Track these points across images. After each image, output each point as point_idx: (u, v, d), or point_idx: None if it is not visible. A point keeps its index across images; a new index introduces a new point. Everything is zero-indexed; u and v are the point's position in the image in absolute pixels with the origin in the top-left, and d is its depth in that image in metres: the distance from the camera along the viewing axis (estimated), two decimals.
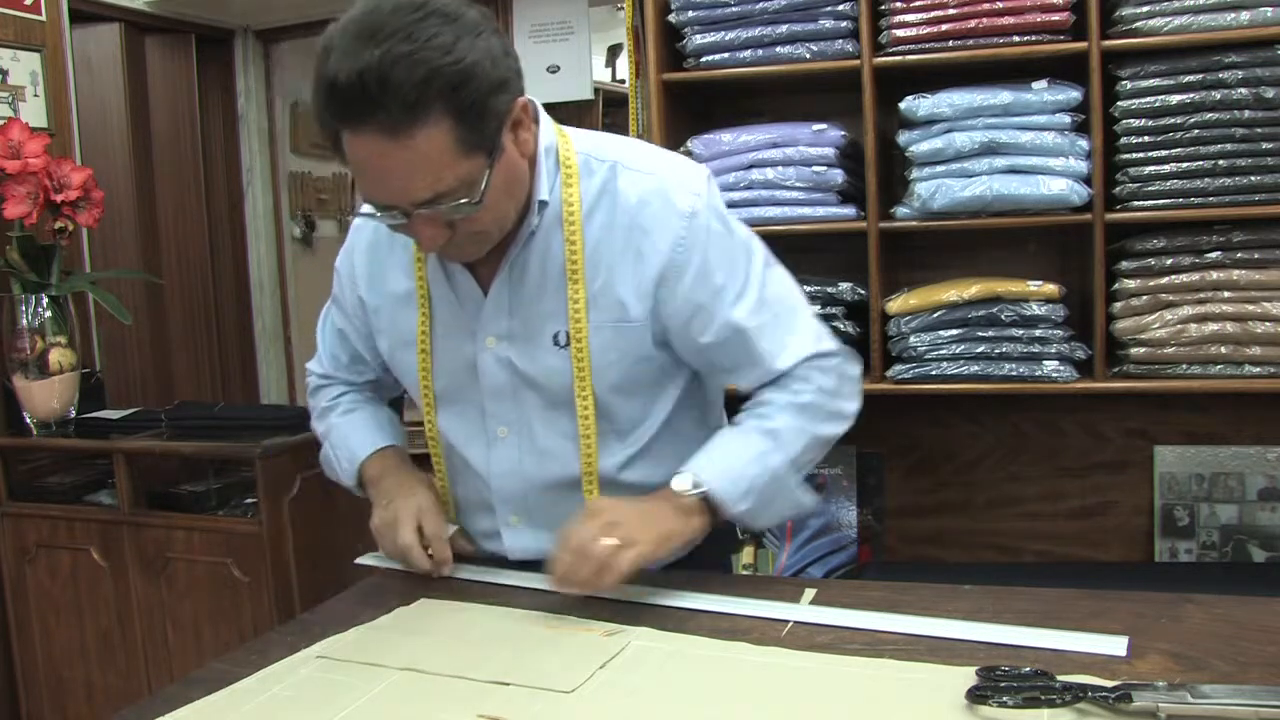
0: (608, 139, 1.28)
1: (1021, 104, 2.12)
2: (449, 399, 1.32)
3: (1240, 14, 2.02)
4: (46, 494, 2.58)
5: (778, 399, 1.25)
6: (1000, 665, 0.91)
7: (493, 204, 1.11)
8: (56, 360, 2.51)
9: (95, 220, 2.56)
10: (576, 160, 1.23)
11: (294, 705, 0.96)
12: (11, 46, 2.67)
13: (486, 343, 1.26)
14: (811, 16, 2.25)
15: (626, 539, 1.11)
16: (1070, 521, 2.46)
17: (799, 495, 1.27)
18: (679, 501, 1.19)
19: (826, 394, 1.26)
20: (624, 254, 1.21)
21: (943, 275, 2.32)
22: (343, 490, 1.49)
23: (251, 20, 4.33)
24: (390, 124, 1.01)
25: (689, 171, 1.24)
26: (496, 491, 1.33)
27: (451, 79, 1.01)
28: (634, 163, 1.24)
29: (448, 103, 1.02)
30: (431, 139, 1.03)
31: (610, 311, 1.22)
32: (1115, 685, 0.85)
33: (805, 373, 1.26)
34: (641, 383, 1.28)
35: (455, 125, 1.03)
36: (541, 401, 1.27)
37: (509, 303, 1.25)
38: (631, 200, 1.21)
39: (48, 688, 2.60)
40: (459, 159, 1.05)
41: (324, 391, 1.49)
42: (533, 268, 1.23)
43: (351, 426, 1.44)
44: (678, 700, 0.92)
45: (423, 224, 1.10)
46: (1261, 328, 2.08)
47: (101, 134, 3.70)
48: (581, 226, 1.21)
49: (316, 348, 1.51)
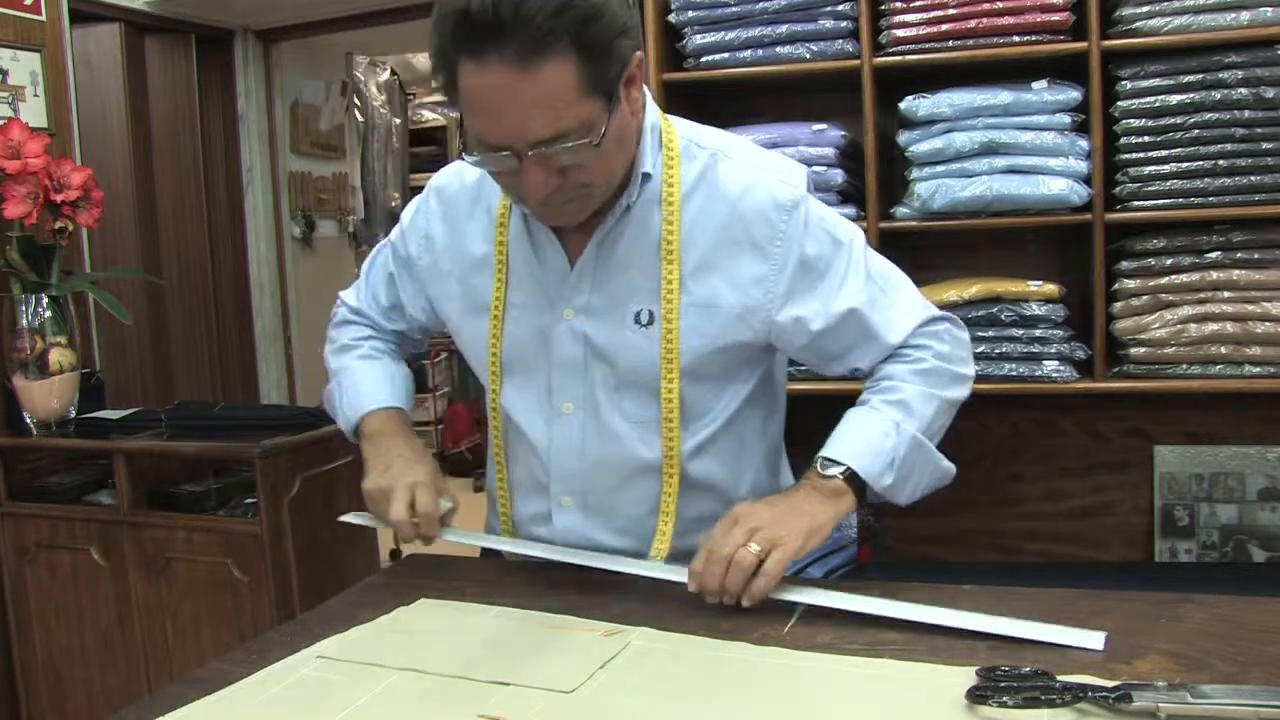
0: (708, 130, 1.28)
1: (1021, 104, 2.12)
2: (515, 370, 1.30)
3: (1240, 14, 2.02)
4: (46, 494, 2.58)
5: (898, 370, 1.25)
6: (1000, 665, 0.91)
7: (607, 155, 1.10)
8: (56, 360, 2.51)
9: (95, 220, 2.56)
10: (679, 144, 1.22)
11: (294, 705, 0.96)
12: (11, 46, 2.67)
13: (565, 314, 1.24)
14: (811, 16, 2.25)
15: (772, 540, 1.10)
16: (1070, 521, 2.46)
17: (939, 462, 1.26)
18: (823, 486, 1.18)
19: (945, 359, 1.26)
20: (720, 241, 1.20)
21: (943, 275, 2.31)
22: (343, 490, 1.49)
23: (251, 20, 4.33)
24: (519, 53, 0.99)
25: (789, 166, 1.26)
26: (554, 469, 1.30)
27: (584, 12, 1.00)
28: (735, 153, 1.24)
29: (576, 37, 1.00)
30: (557, 73, 1.01)
31: (700, 295, 1.21)
32: (1115, 685, 0.85)
33: (920, 341, 1.26)
34: (712, 371, 1.26)
35: (581, 62, 1.01)
36: (612, 380, 1.25)
37: (593, 276, 1.23)
38: (732, 189, 1.21)
39: (48, 688, 2.60)
40: (581, 99, 1.03)
41: (349, 328, 1.47)
42: (624, 243, 1.22)
43: (365, 373, 1.42)
44: (678, 700, 0.92)
45: (535, 168, 1.07)
46: (1261, 328, 2.08)
47: (101, 134, 3.71)
48: (680, 207, 1.21)
49: (358, 278, 1.48)
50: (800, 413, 1.48)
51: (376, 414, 1.38)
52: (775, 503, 1.16)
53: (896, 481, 1.20)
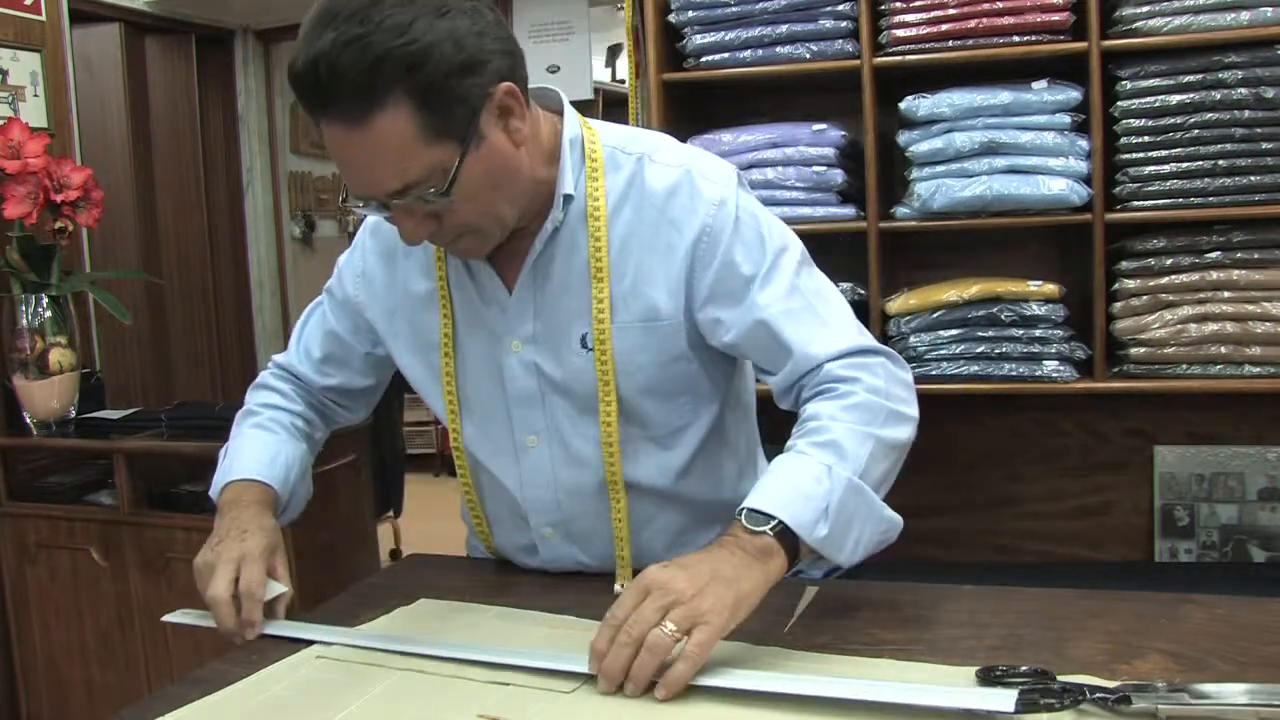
0: (636, 133, 1.22)
1: (1021, 104, 2.13)
2: (473, 408, 1.25)
3: (1240, 14, 2.02)
4: (46, 494, 2.58)
5: (825, 408, 1.10)
6: (999, 665, 0.91)
7: (474, 196, 1.05)
8: (56, 360, 2.51)
9: (95, 220, 2.56)
10: (603, 153, 1.17)
11: (294, 705, 0.96)
12: (11, 46, 2.67)
13: (512, 347, 1.20)
14: (811, 16, 2.25)
15: (692, 617, 0.92)
16: (1070, 521, 2.46)
17: (882, 511, 1.09)
18: (749, 544, 1.00)
19: (878, 393, 1.11)
20: (653, 249, 1.16)
21: (943, 275, 2.32)
22: (343, 491, 1.47)
23: (251, 20, 4.34)
24: (347, 112, 0.97)
25: (717, 164, 1.20)
26: (529, 504, 1.25)
27: (407, 60, 0.96)
28: (662, 155, 1.18)
29: (405, 86, 0.97)
30: (392, 125, 0.98)
31: (640, 311, 1.16)
32: (1115, 686, 0.85)
33: (847, 373, 1.13)
34: (678, 386, 1.20)
35: (417, 109, 0.98)
36: (571, 408, 1.20)
37: (534, 304, 1.18)
38: (659, 192, 1.16)
39: (48, 688, 2.60)
40: (425, 146, 1.00)
41: (261, 393, 1.38)
42: (558, 266, 1.17)
43: (251, 443, 1.31)
44: (677, 700, 0.92)
45: (401, 215, 1.05)
46: (1261, 328, 2.08)
47: (101, 134, 3.71)
48: (608, 222, 1.16)
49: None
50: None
51: (237, 485, 1.27)
52: (692, 565, 0.97)
53: (833, 533, 1.03)
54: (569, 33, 3.77)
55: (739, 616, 0.96)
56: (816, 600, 1.16)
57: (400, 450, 4.01)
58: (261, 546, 1.17)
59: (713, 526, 1.32)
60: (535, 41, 3.75)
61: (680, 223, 1.15)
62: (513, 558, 1.34)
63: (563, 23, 3.77)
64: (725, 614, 0.94)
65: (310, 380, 1.37)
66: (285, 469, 1.30)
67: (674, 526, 1.27)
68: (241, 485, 1.27)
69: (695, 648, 0.91)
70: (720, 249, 1.15)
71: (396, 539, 4.20)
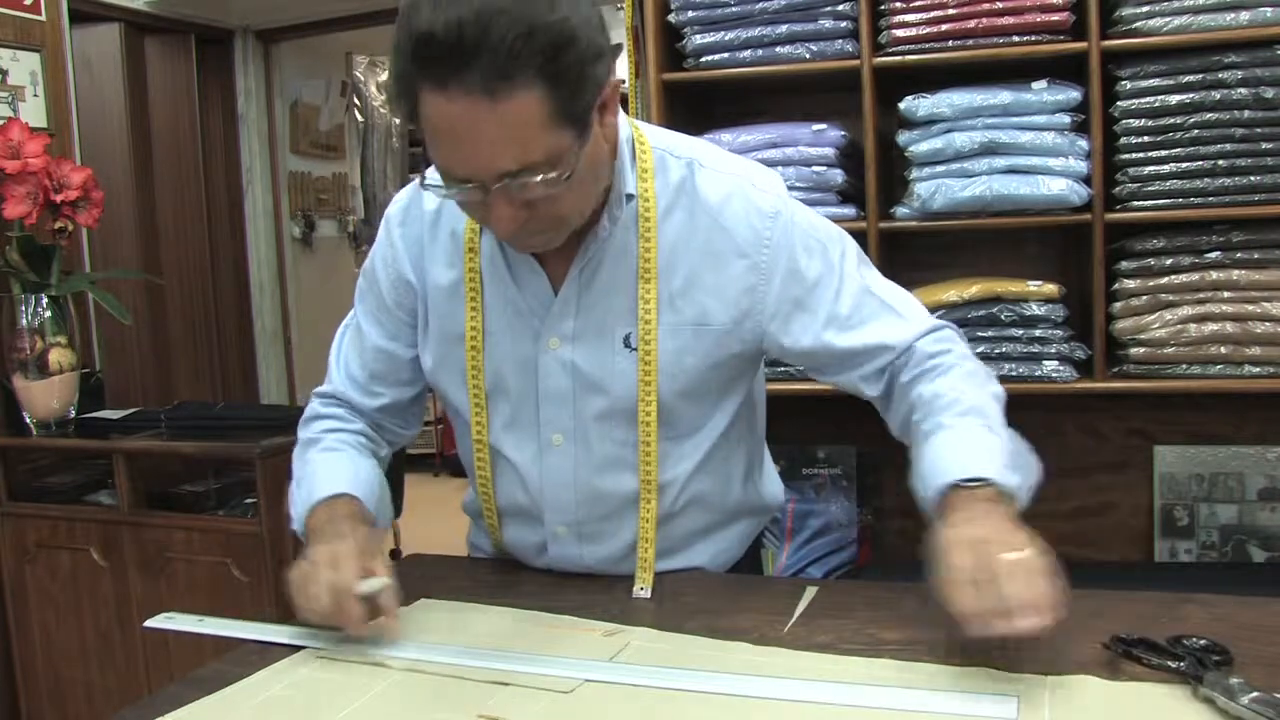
0: (680, 137, 1.22)
1: (1021, 104, 2.12)
2: (498, 402, 1.23)
3: (1240, 14, 2.02)
4: (46, 494, 2.58)
5: (943, 385, 1.15)
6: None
7: (579, 186, 1.04)
8: (56, 360, 2.51)
9: (95, 220, 2.56)
10: (652, 155, 1.17)
11: (294, 705, 0.96)
12: (11, 46, 2.67)
13: (549, 344, 1.18)
14: (811, 16, 2.25)
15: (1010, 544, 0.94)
16: (1070, 521, 2.46)
17: (1029, 455, 1.14)
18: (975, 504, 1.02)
19: (969, 358, 1.19)
20: (706, 254, 1.16)
21: (943, 275, 2.32)
22: None
23: (251, 20, 4.34)
24: (485, 81, 0.92)
25: (767, 173, 1.21)
26: (548, 502, 1.24)
27: (554, 39, 0.93)
28: (711, 162, 1.18)
29: (546, 65, 0.93)
30: (525, 103, 0.94)
31: (691, 314, 1.17)
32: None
33: (938, 348, 1.19)
34: (710, 388, 1.22)
35: (551, 91, 0.95)
36: (603, 408, 1.19)
37: (578, 302, 1.17)
38: (713, 199, 1.16)
39: (48, 688, 2.60)
40: (550, 129, 0.97)
41: (316, 423, 1.33)
42: (607, 266, 1.16)
43: (323, 466, 1.26)
44: (677, 700, 0.92)
45: (501, 201, 1.00)
46: (1261, 328, 2.08)
47: (101, 134, 3.71)
48: (657, 224, 1.16)
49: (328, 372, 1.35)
50: (784, 413, 1.46)
51: (320, 506, 1.20)
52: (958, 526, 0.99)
53: (1019, 482, 1.07)
54: None
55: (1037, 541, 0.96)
56: (816, 600, 1.16)
57: (400, 450, 4.00)
58: (351, 546, 1.11)
59: (723, 526, 1.32)
60: None
61: (735, 232, 1.16)
62: (518, 555, 1.34)
63: None
64: (1023, 535, 0.96)
65: (359, 404, 1.33)
66: (366, 482, 1.26)
67: (686, 527, 1.28)
68: (329, 504, 1.20)
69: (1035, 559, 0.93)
70: (784, 260, 1.17)
71: (396, 539, 4.20)
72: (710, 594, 1.21)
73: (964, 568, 0.93)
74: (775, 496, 1.43)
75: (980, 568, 0.92)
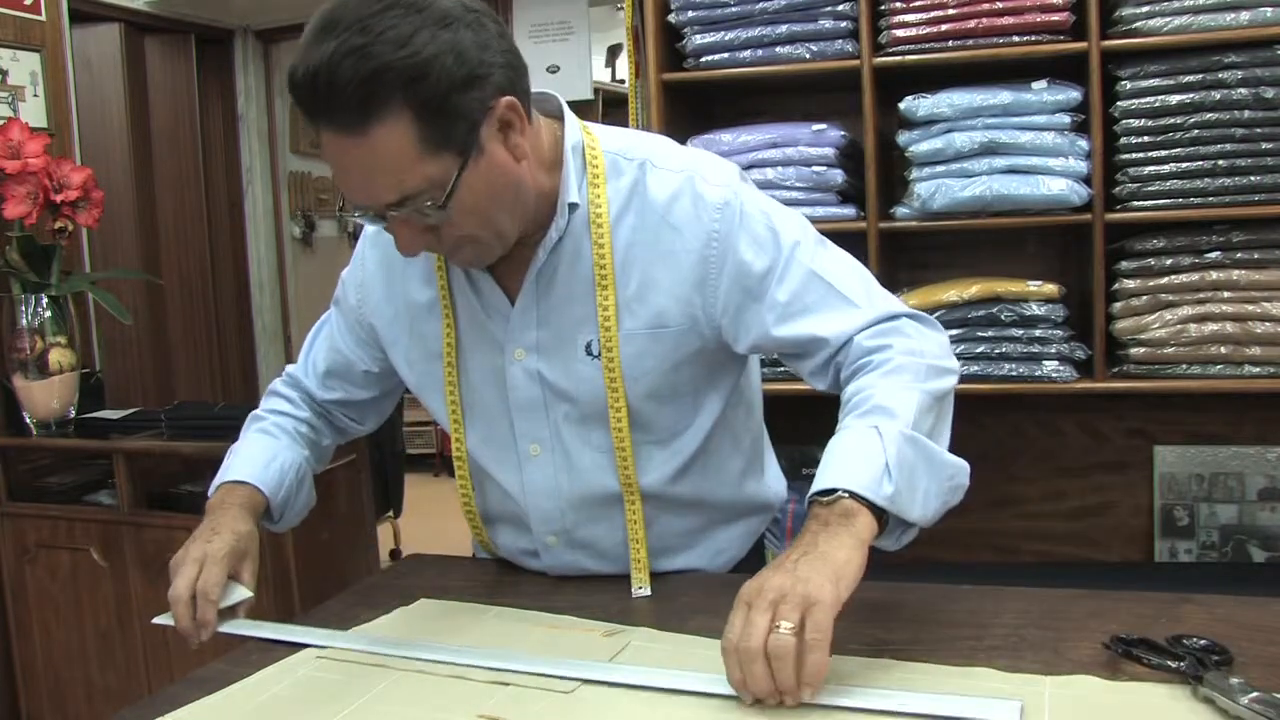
0: (637, 137, 1.21)
1: (1021, 104, 2.13)
2: (475, 415, 1.25)
3: (1240, 14, 2.02)
4: (46, 494, 2.58)
5: (864, 382, 1.08)
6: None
7: (473, 210, 1.04)
8: (56, 360, 2.51)
9: (95, 220, 2.56)
10: (604, 160, 1.17)
11: (294, 705, 0.96)
12: (11, 46, 2.67)
13: (515, 355, 1.19)
14: (811, 16, 2.25)
15: (800, 605, 0.88)
16: (1070, 521, 2.46)
17: (942, 458, 1.05)
18: (826, 515, 0.98)
19: (913, 353, 1.10)
20: (657, 256, 1.15)
21: (943, 275, 2.32)
22: (342, 491, 1.46)
23: (251, 20, 4.34)
24: (344, 121, 0.97)
25: (718, 166, 1.19)
26: (533, 512, 1.25)
27: (407, 73, 0.95)
28: (663, 161, 1.17)
29: (405, 99, 0.96)
30: (389, 136, 0.97)
31: (646, 318, 1.16)
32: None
33: (878, 342, 1.12)
34: (680, 389, 1.20)
35: (415, 122, 0.97)
36: (575, 415, 1.20)
37: (538, 312, 1.18)
38: (660, 199, 1.15)
39: (48, 688, 2.60)
40: (423, 158, 0.99)
41: (271, 399, 1.40)
42: (562, 274, 1.16)
43: (250, 447, 1.32)
44: (677, 700, 0.92)
45: (398, 226, 1.05)
46: (1261, 328, 2.08)
47: (101, 134, 3.71)
48: (610, 229, 1.15)
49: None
50: (784, 413, 1.45)
51: (225, 486, 1.27)
52: (778, 561, 0.95)
53: (900, 489, 0.99)
54: (569, 33, 3.77)
55: (846, 584, 0.92)
56: None
57: (400, 450, 4.01)
58: (226, 549, 1.17)
59: (721, 525, 1.32)
60: (535, 42, 3.75)
61: (684, 229, 1.14)
62: (516, 560, 1.34)
63: (562, 23, 3.77)
64: (828, 587, 0.90)
65: (314, 393, 1.39)
66: (280, 473, 1.30)
67: (680, 527, 1.28)
68: (230, 487, 1.26)
69: (814, 633, 0.87)
70: (731, 252, 1.14)
71: (396, 539, 4.20)
72: (710, 594, 1.20)
73: (733, 631, 0.90)
74: (780, 495, 1.42)
75: (746, 634, 0.88)
